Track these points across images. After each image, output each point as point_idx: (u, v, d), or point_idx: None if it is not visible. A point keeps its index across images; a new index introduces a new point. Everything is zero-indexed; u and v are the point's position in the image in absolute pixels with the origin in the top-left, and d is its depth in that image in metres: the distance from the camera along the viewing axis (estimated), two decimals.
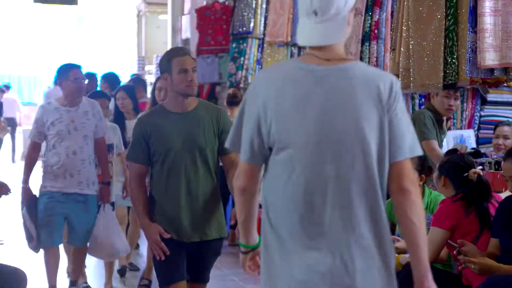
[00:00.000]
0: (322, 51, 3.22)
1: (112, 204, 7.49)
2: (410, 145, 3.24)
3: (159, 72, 19.31)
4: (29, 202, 7.03)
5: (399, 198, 3.22)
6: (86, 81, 7.40)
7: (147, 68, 21.88)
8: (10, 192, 6.56)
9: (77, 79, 7.10)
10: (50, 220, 6.94)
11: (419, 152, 3.24)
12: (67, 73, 7.11)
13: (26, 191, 7.07)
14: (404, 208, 3.20)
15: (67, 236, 7.31)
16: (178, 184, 5.09)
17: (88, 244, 7.21)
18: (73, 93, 7.08)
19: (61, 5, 15.36)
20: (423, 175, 5.63)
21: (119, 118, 8.66)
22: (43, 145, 7.24)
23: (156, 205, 5.15)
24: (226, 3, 12.29)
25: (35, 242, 6.98)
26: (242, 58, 11.21)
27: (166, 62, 5.13)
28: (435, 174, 5.34)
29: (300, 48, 9.37)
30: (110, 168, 7.55)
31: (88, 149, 7.09)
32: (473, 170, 5.33)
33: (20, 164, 13.06)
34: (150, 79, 19.43)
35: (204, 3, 12.93)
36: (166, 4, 19.65)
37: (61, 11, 28.50)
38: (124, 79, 16.07)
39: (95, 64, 24.61)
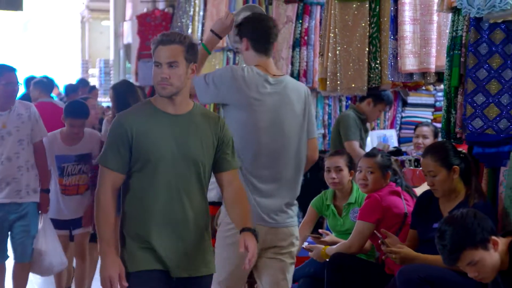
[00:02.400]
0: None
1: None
2: (315, 129, 4.77)
3: (103, 73, 18.74)
4: None
5: (308, 162, 4.73)
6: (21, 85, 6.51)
7: (90, 71, 21.69)
8: None
9: (10, 83, 6.25)
10: None
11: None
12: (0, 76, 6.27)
13: None
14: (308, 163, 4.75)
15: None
16: (168, 207, 3.86)
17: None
18: (4, 97, 6.22)
19: (6, 10, 15.07)
20: (352, 171, 5.69)
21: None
22: None
23: (129, 229, 3.90)
24: (166, 10, 12.27)
25: None
26: None
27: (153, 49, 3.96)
28: (379, 173, 5.38)
29: (235, 53, 9.37)
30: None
31: (25, 154, 6.21)
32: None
33: None
34: (93, 81, 19.25)
35: (145, 10, 12.86)
36: (108, 11, 19.51)
37: (6, 17, 28.00)
38: (69, 82, 15.91)
39: (40, 69, 24.26)
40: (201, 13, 10.51)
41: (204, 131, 3.92)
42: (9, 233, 6.25)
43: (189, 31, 10.83)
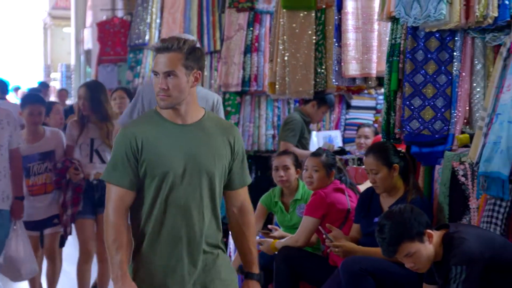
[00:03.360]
0: None
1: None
2: None
3: (64, 77, 18.49)
4: None
5: None
6: None
7: (52, 75, 21.49)
8: None
9: None
10: None
11: None
12: None
13: None
14: None
15: None
16: (178, 225, 3.36)
17: None
18: None
19: None
20: (299, 169, 5.71)
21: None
22: None
23: (137, 253, 3.42)
24: (124, 18, 12.21)
25: None
26: (138, 67, 11.13)
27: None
28: (323, 171, 5.40)
29: None
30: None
31: (3, 160, 5.73)
32: None
33: None
34: (55, 85, 19.06)
35: (104, 17, 12.78)
36: (69, 18, 19.33)
37: None
38: (33, 85, 15.77)
39: (4, 73, 23.95)
40: (158, 20, 10.47)
41: (216, 140, 3.40)
42: None
43: (146, 37, 10.79)
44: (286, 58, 6.67)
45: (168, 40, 3.36)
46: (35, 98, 6.55)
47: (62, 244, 6.49)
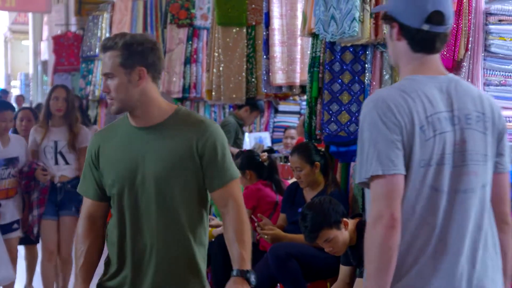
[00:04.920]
0: None
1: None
2: None
3: (23, 84, 18.03)
4: None
5: None
6: None
7: (12, 83, 21.09)
8: None
9: None
10: None
11: None
12: None
13: None
14: None
15: None
16: (122, 242, 2.76)
17: None
18: None
19: None
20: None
21: None
22: None
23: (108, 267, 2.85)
24: (77, 32, 12.05)
25: None
26: (90, 76, 10.98)
27: None
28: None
29: None
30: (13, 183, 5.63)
31: None
32: (262, 154, 5.51)
33: None
34: (16, 91, 18.67)
35: (59, 32, 12.58)
36: (28, 32, 18.97)
37: None
38: None
39: None
40: (107, 34, 10.35)
41: (175, 141, 2.68)
42: None
43: (97, 49, 10.66)
44: (221, 68, 6.67)
45: (107, 39, 2.74)
46: (6, 104, 6.06)
47: (29, 242, 5.98)
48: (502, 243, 2.32)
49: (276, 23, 5.82)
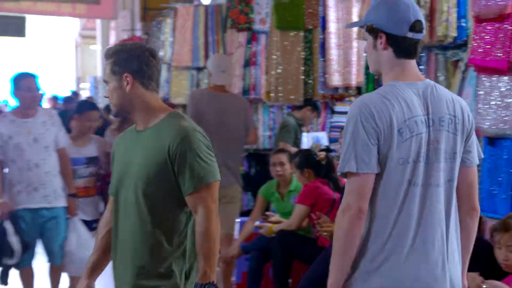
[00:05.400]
0: None
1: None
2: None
3: (93, 87, 18.32)
4: (11, 215, 5.17)
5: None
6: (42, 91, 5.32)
7: (82, 85, 21.51)
8: None
9: (31, 88, 5.18)
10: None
11: None
12: (20, 82, 5.20)
13: (3, 205, 5.16)
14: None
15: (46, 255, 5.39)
16: (114, 243, 2.82)
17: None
18: (27, 103, 5.19)
19: (14, 36, 14.88)
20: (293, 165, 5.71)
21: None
22: None
23: None
24: (142, 37, 12.19)
25: (17, 258, 5.17)
26: None
27: None
28: (298, 172, 5.42)
29: (198, 71, 9.35)
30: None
31: (52, 160, 5.20)
32: (319, 153, 5.49)
33: None
34: (84, 93, 19.06)
35: (125, 37, 12.79)
36: (96, 37, 19.34)
37: (12, 42, 27.54)
38: (67, 94, 15.78)
39: (42, 84, 23.92)
40: (170, 39, 10.47)
41: (153, 147, 2.69)
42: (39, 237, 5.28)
43: (161, 53, 10.80)
44: (279, 70, 6.68)
45: (107, 48, 2.85)
46: (91, 105, 5.87)
47: None
48: (469, 227, 2.60)
49: (332, 26, 5.81)
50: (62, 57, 28.59)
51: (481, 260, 3.50)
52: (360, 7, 4.82)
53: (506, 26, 3.85)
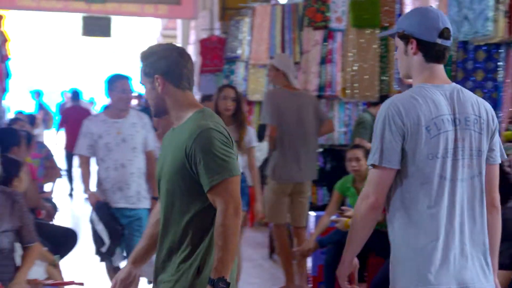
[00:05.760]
0: None
1: None
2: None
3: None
4: (97, 206, 5.24)
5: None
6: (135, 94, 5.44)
7: None
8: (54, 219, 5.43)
9: (124, 90, 5.19)
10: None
11: None
12: (114, 84, 5.21)
13: (91, 196, 5.28)
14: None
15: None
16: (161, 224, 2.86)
17: None
18: (119, 104, 5.20)
19: (100, 37, 15.33)
20: None
21: None
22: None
23: None
24: (221, 36, 12.32)
25: (106, 248, 5.17)
26: (232, 76, 11.22)
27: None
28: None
29: None
30: None
31: (138, 162, 5.20)
32: None
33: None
34: None
35: (205, 36, 12.94)
36: (176, 37, 19.65)
37: (98, 42, 28.34)
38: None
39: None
40: (248, 37, 10.55)
41: (177, 144, 2.75)
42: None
43: (239, 51, 10.88)
44: (355, 67, 6.64)
45: (145, 49, 2.91)
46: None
47: None
48: (490, 224, 2.67)
49: None
50: None
51: None
52: (438, 4, 4.74)
53: None
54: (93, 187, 5.44)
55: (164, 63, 2.79)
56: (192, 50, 15.96)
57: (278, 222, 6.21)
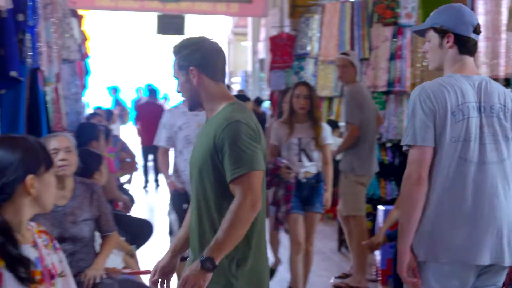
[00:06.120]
0: None
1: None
2: None
3: (243, 80, 18.70)
4: (173, 195, 5.38)
5: None
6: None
7: (233, 80, 22.10)
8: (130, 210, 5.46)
9: None
10: None
11: None
12: None
13: (170, 184, 5.39)
14: None
15: None
16: (191, 214, 2.92)
17: None
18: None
19: (174, 35, 15.55)
20: None
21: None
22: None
23: None
24: (291, 33, 12.32)
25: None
26: (302, 72, 11.21)
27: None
28: None
29: None
30: None
31: None
32: None
33: None
34: (236, 87, 19.55)
35: (275, 33, 12.96)
36: (247, 34, 19.75)
37: (170, 40, 28.75)
38: None
39: None
40: (318, 34, 10.51)
41: (208, 135, 2.77)
42: None
43: (308, 48, 10.85)
44: (424, 63, 6.52)
45: (177, 44, 2.88)
46: (245, 97, 5.57)
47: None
48: None
49: (481, 19, 5.57)
50: None
51: None
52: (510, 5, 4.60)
53: None
54: (172, 176, 5.45)
55: (198, 55, 2.78)
56: (262, 47, 16.01)
57: (359, 214, 6.31)
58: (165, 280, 2.88)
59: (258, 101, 12.96)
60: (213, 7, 13.89)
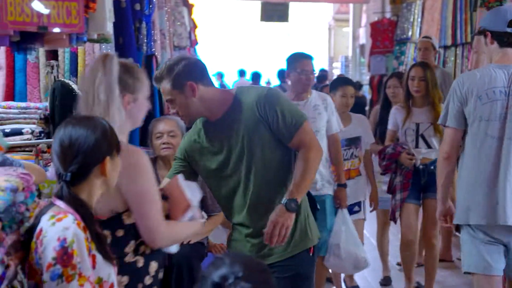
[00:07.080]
0: None
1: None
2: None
3: (343, 66, 18.51)
4: None
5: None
6: (316, 74, 4.40)
7: (334, 65, 21.94)
8: None
9: (303, 71, 4.48)
10: None
11: None
12: (295, 63, 4.51)
13: None
14: None
15: None
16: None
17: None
18: (298, 85, 4.50)
19: (278, 22, 15.56)
20: None
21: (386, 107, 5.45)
22: None
23: None
24: (391, 18, 12.07)
25: None
26: (402, 57, 10.96)
27: None
28: None
29: (445, 50, 9.01)
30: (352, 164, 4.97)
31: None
32: None
33: None
34: (336, 72, 19.38)
35: (376, 19, 12.73)
36: (348, 20, 19.52)
37: (276, 27, 28.85)
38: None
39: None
40: (419, 19, 10.22)
41: (245, 115, 2.89)
42: None
43: (410, 33, 10.58)
44: None
45: (156, 72, 2.89)
46: (347, 80, 5.24)
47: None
48: None
49: None
50: (317, 39, 29.36)
51: None
52: None
53: None
54: None
55: (187, 68, 2.79)
56: (362, 33, 15.77)
57: None
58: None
59: (358, 86, 12.81)
60: None
